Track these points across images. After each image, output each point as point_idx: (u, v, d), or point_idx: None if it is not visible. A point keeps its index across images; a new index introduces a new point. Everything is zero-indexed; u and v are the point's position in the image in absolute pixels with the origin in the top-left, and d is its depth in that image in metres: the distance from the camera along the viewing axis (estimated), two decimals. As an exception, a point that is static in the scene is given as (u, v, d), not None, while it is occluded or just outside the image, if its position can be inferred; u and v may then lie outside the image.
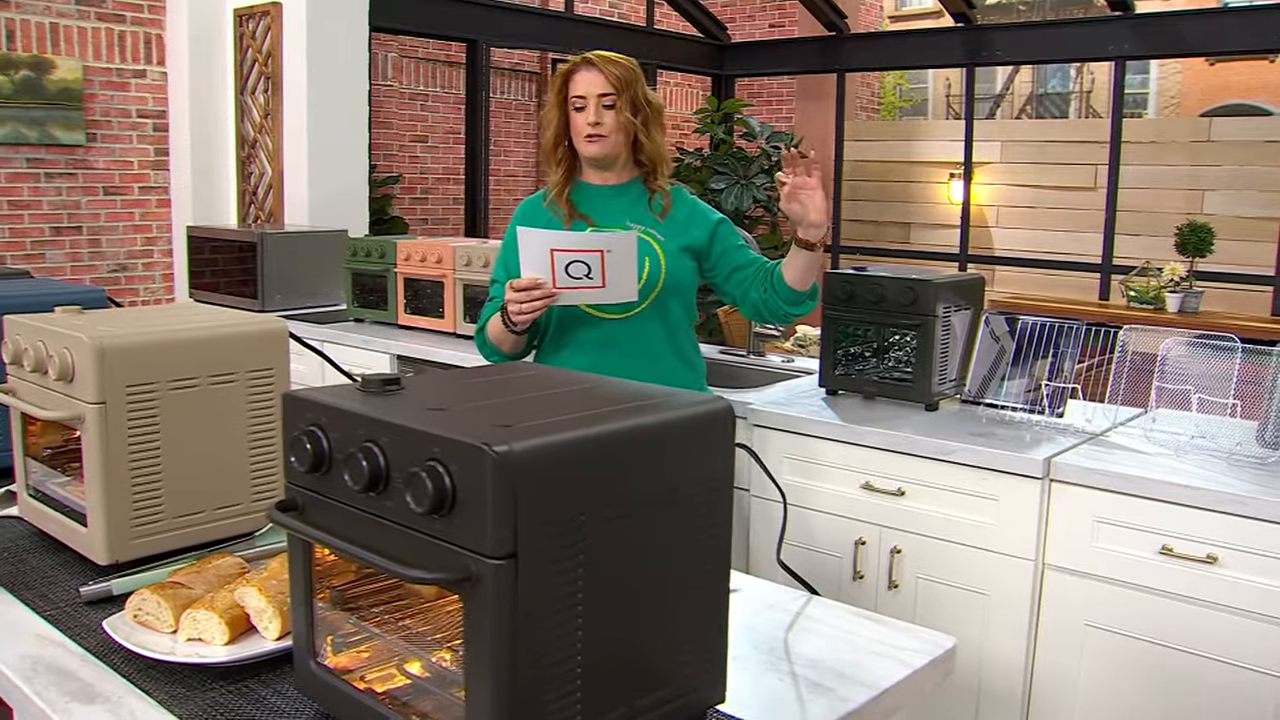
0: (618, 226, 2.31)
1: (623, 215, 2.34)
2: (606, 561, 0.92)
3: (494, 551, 0.84)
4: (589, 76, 2.26)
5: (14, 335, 1.55)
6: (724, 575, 1.06)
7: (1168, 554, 2.13)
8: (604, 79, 2.25)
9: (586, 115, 2.25)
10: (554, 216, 2.36)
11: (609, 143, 2.27)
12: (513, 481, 0.83)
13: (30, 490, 1.62)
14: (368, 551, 0.90)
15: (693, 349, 2.43)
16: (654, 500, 0.96)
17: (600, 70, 2.25)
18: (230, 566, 1.34)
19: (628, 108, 2.26)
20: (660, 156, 2.35)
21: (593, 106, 2.25)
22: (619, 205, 2.35)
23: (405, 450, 0.89)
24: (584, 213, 2.34)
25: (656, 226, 2.33)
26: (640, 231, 2.28)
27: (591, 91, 2.25)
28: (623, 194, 2.37)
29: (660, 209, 2.35)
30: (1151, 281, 5.49)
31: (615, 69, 2.26)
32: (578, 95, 2.26)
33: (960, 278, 2.82)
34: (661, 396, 1.02)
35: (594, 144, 2.27)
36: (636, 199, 2.36)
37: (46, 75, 4.74)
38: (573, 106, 2.28)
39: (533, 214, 2.41)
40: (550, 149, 2.35)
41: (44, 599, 1.38)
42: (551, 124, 2.32)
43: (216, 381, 1.50)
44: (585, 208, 2.35)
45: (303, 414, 0.99)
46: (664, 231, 2.32)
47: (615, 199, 2.36)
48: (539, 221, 2.37)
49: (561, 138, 2.33)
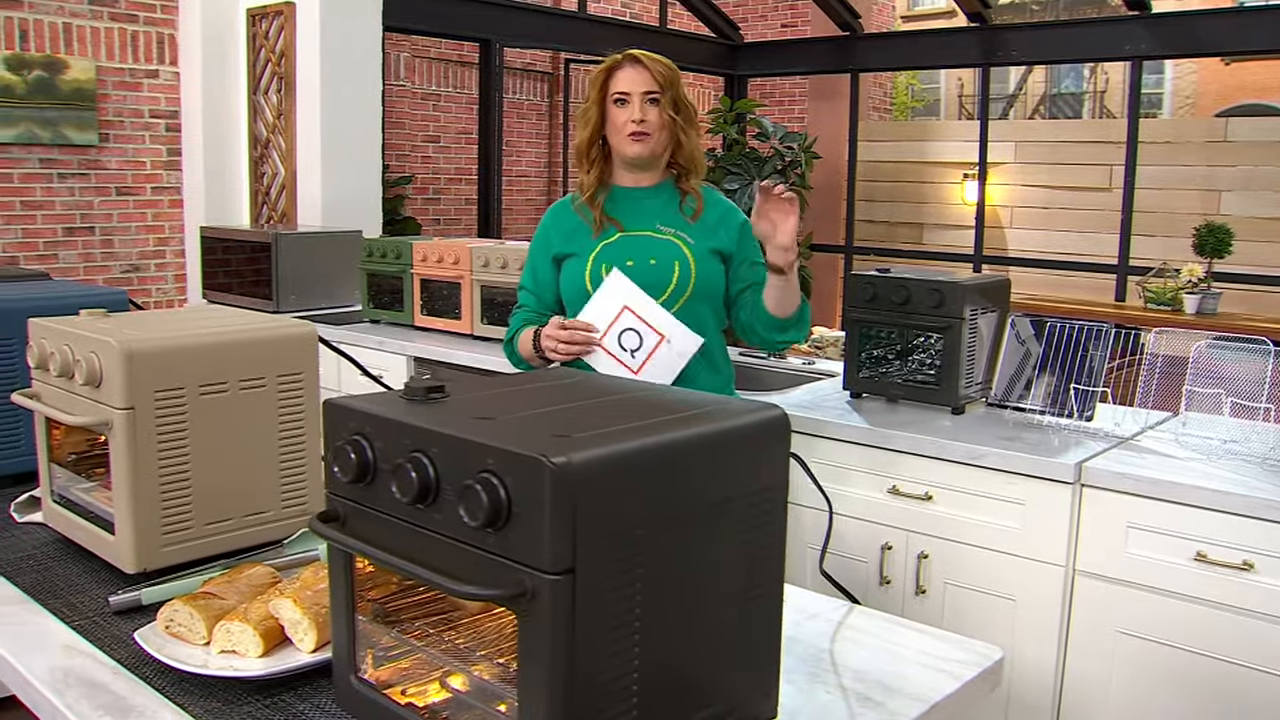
0: (648, 229, 2.26)
1: (653, 218, 2.27)
2: (662, 576, 0.89)
3: (552, 567, 0.81)
4: (633, 73, 2.20)
5: (39, 338, 1.53)
6: (777, 588, 1.03)
7: (1202, 560, 2.10)
8: (649, 75, 2.18)
9: (630, 111, 2.18)
10: (583, 220, 2.30)
11: (653, 141, 2.20)
12: (572, 494, 0.80)
13: (55, 496, 1.59)
14: (417, 566, 0.87)
15: (722, 355, 2.37)
16: (709, 512, 0.93)
17: (646, 66, 2.19)
18: (262, 576, 1.32)
19: (670, 106, 2.20)
20: (697, 158, 2.29)
21: (637, 102, 2.18)
22: (650, 207, 2.29)
23: (456, 461, 0.87)
24: (614, 216, 2.28)
25: (686, 229, 2.26)
26: (671, 235, 2.24)
27: (636, 88, 2.18)
28: (654, 196, 2.30)
29: (692, 211, 2.28)
30: (1169, 282, 5.44)
31: (659, 66, 2.20)
32: (621, 91, 2.19)
33: (987, 279, 2.78)
34: (715, 404, 0.99)
35: (638, 142, 2.19)
36: (668, 201, 2.30)
37: (59, 75, 4.73)
38: (613, 101, 2.20)
39: (562, 218, 2.35)
40: (584, 148, 2.28)
41: (72, 608, 1.35)
42: (589, 122, 2.25)
43: (246, 386, 1.48)
44: (615, 211, 2.29)
45: (346, 422, 0.97)
46: (694, 234, 2.26)
47: (646, 201, 2.29)
48: (567, 226, 2.32)
49: (597, 136, 2.26)
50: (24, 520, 1.67)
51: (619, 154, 2.26)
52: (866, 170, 8.09)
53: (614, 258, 2.22)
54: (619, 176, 2.32)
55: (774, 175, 6.72)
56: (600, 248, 2.24)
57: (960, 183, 8.12)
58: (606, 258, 2.23)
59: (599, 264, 2.23)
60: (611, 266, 2.20)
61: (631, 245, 2.24)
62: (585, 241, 2.26)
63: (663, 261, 2.22)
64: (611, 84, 2.21)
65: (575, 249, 2.27)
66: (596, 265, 2.23)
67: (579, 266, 2.25)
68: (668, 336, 2.14)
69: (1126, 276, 6.26)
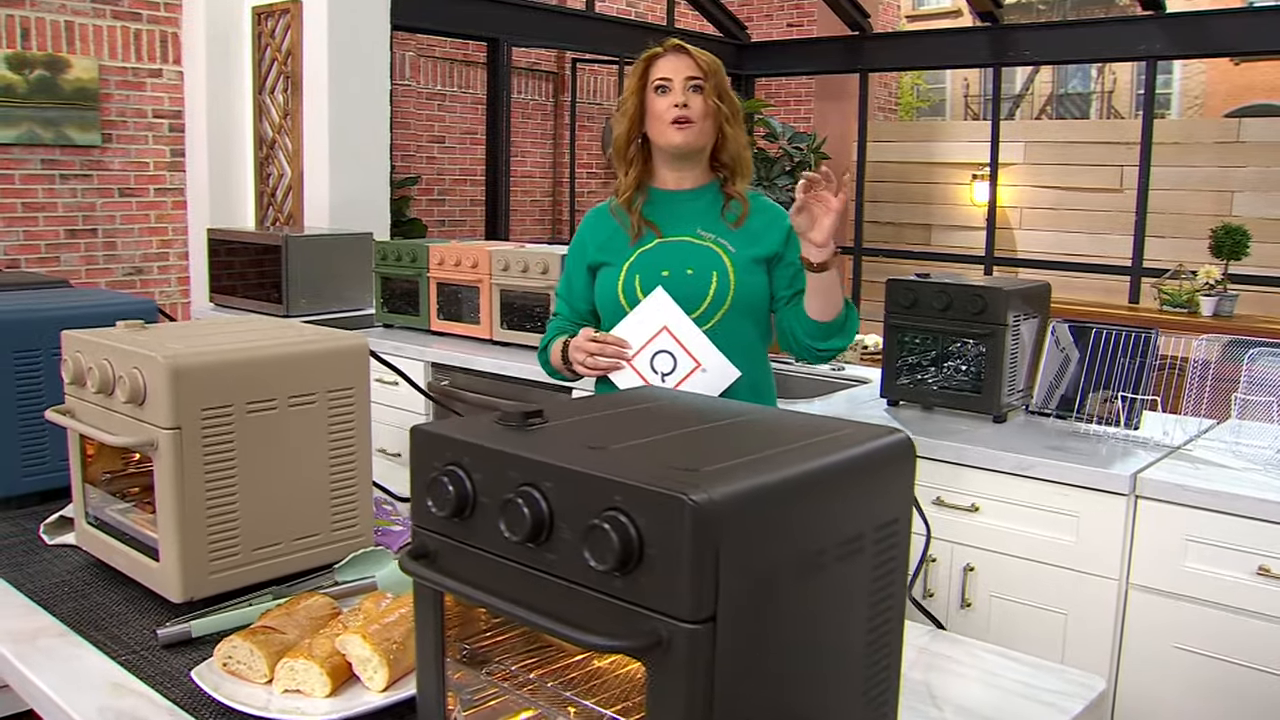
0: (687, 234, 2.13)
1: (693, 222, 2.15)
2: (798, 621, 0.81)
3: (691, 615, 0.73)
4: (675, 60, 2.09)
5: (74, 352, 1.44)
6: (900, 627, 0.96)
7: (1265, 574, 2.04)
8: (693, 62, 2.08)
9: (672, 97, 2.07)
10: (620, 226, 2.18)
11: (695, 130, 2.08)
12: (714, 534, 0.72)
13: (89, 518, 1.50)
14: (531, 612, 0.79)
15: (763, 374, 2.20)
16: (841, 550, 0.85)
17: (689, 54, 2.09)
18: (322, 607, 1.24)
19: (715, 94, 2.09)
20: (742, 157, 2.16)
21: (679, 88, 2.07)
22: (690, 211, 2.16)
23: (574, 497, 0.79)
24: (652, 220, 2.16)
25: (728, 235, 2.13)
26: (711, 241, 2.12)
27: (678, 74, 2.08)
28: (696, 199, 2.17)
29: (735, 217, 2.14)
30: (1185, 284, 5.39)
31: (703, 55, 2.10)
32: (662, 78, 2.09)
33: (1028, 285, 2.72)
34: (838, 429, 0.92)
35: (681, 130, 2.07)
36: (710, 205, 2.17)
37: (62, 75, 4.63)
38: (654, 88, 2.10)
39: (599, 224, 2.23)
40: (623, 145, 2.15)
41: (117, 641, 1.27)
42: (628, 114, 2.12)
43: (296, 403, 1.39)
44: (654, 214, 2.17)
45: (440, 451, 0.88)
46: (736, 241, 2.13)
47: (687, 204, 2.16)
48: (604, 232, 2.20)
49: (636, 132, 2.14)
50: (54, 543, 1.59)
51: (660, 146, 2.13)
52: (873, 171, 8.03)
53: (649, 267, 2.11)
54: (660, 177, 2.19)
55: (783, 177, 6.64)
56: (636, 256, 2.13)
57: (969, 183, 8.07)
58: (641, 267, 2.11)
59: (633, 274, 2.12)
60: (646, 277, 2.09)
61: (668, 252, 2.12)
62: (621, 249, 2.15)
63: (700, 271, 2.09)
64: (652, 72, 2.11)
65: (610, 258, 2.16)
66: (630, 275, 2.12)
67: (612, 276, 2.14)
68: (704, 365, 2.01)
69: (1141, 278, 6.20)
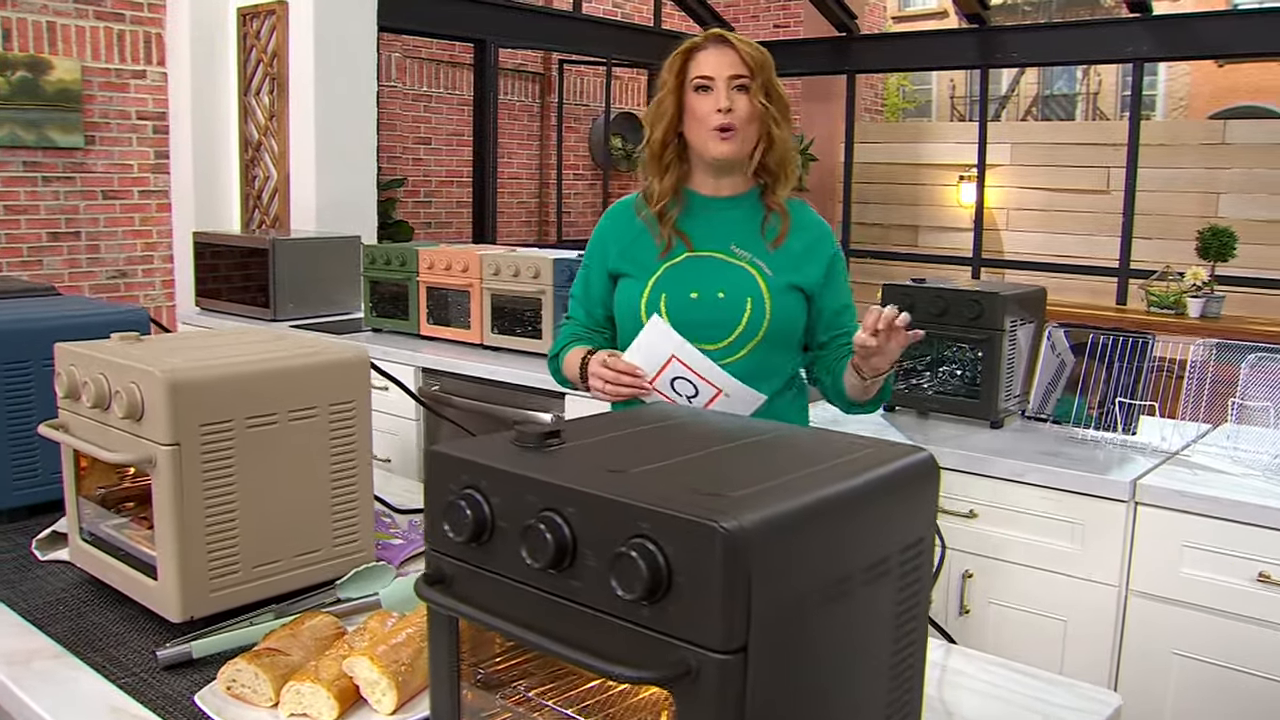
0: (720, 250, 1.91)
1: (728, 236, 1.92)
2: (825, 647, 0.80)
3: (722, 645, 0.71)
4: (717, 54, 1.84)
5: (68, 365, 1.41)
6: (922, 646, 0.94)
7: (1264, 580, 2.04)
8: (737, 56, 1.83)
9: (714, 99, 1.83)
10: (646, 228, 1.96)
11: (740, 138, 1.85)
12: (746, 562, 0.70)
13: (84, 534, 1.47)
14: (555, 641, 0.77)
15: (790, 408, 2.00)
16: (868, 574, 0.84)
17: (733, 46, 1.84)
18: (326, 627, 1.21)
19: (762, 93, 1.84)
20: (788, 162, 1.92)
21: (723, 89, 1.82)
22: (726, 222, 1.94)
23: (599, 523, 0.77)
24: (682, 229, 1.93)
25: (765, 255, 1.90)
26: (746, 261, 1.90)
27: (721, 71, 1.83)
28: (733, 208, 1.95)
29: (775, 234, 1.92)
30: (1172, 286, 5.41)
31: (748, 48, 1.85)
32: (703, 75, 1.84)
33: (1025, 290, 2.71)
34: (862, 447, 0.90)
35: (724, 140, 1.84)
36: (748, 217, 1.94)
37: (44, 76, 4.57)
38: (693, 87, 1.86)
39: (622, 224, 2.01)
40: (658, 148, 1.91)
41: (115, 663, 1.24)
42: (665, 115, 1.89)
43: (297, 417, 1.37)
44: (686, 222, 1.94)
45: (456, 474, 0.86)
46: (774, 264, 1.90)
47: (723, 214, 1.94)
48: (628, 234, 1.98)
49: (672, 133, 1.91)
50: (47, 559, 1.55)
51: (700, 154, 1.91)
52: (860, 172, 8.04)
53: (676, 285, 1.90)
54: (697, 181, 1.97)
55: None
56: (662, 271, 1.92)
57: (955, 185, 8.08)
58: (668, 285, 1.90)
59: (659, 292, 1.90)
60: (673, 296, 1.90)
61: (699, 270, 1.91)
62: (646, 260, 1.94)
63: (733, 296, 1.88)
64: (691, 67, 1.87)
65: (633, 269, 1.95)
66: (656, 293, 1.91)
67: (635, 290, 1.93)
68: (725, 391, 1.80)
69: (1128, 280, 6.23)
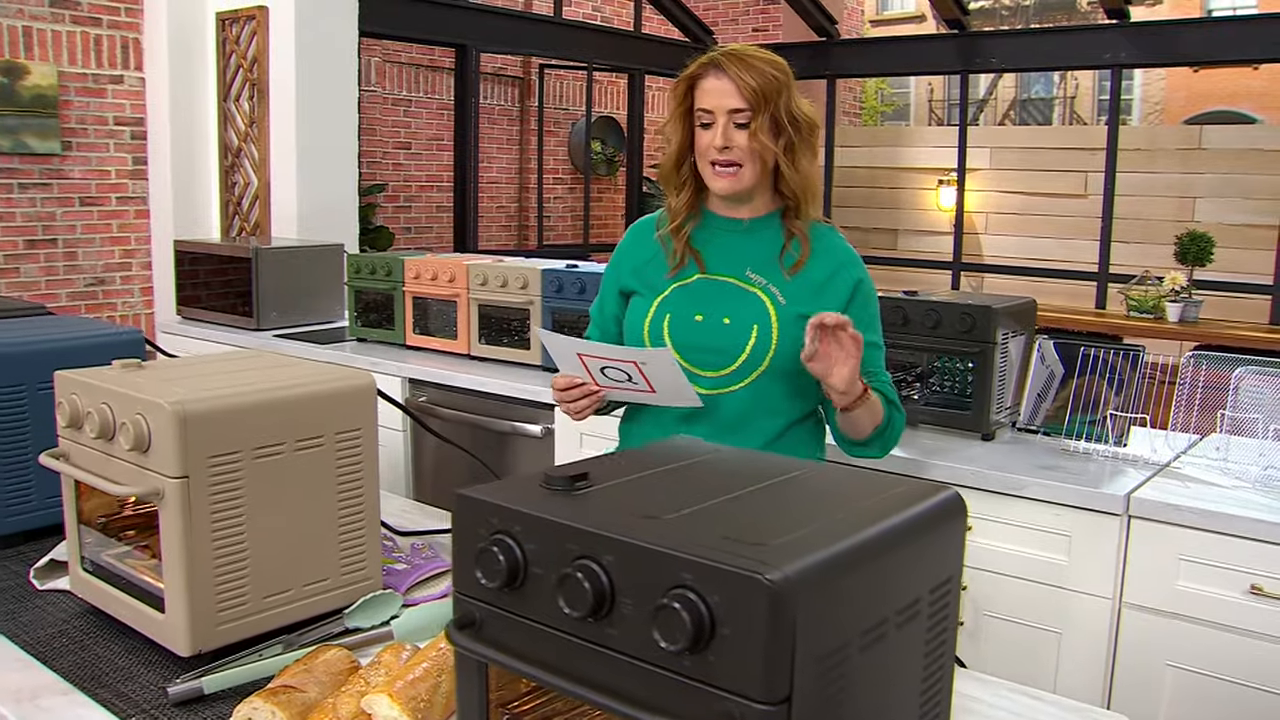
0: (733, 275, 1.86)
1: (743, 262, 1.86)
2: (862, 693, 0.80)
3: (766, 697, 0.71)
4: (715, 84, 1.76)
5: (69, 394, 1.39)
6: (949, 681, 0.94)
7: (1257, 593, 2.06)
8: (735, 90, 1.74)
9: (713, 134, 1.77)
10: (662, 250, 1.92)
11: (740, 176, 1.79)
12: (790, 613, 0.70)
13: (85, 563, 1.45)
14: (594, 691, 0.76)
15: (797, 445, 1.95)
16: (901, 617, 0.84)
17: (731, 78, 1.75)
18: (340, 661, 1.20)
19: (767, 129, 1.76)
20: (808, 189, 1.84)
21: (721, 125, 1.76)
22: (742, 245, 1.88)
23: (638, 572, 0.76)
24: (698, 249, 1.88)
25: (781, 284, 1.84)
26: (759, 288, 1.84)
27: (721, 105, 1.76)
28: (752, 232, 1.88)
29: (794, 261, 1.85)
30: (1151, 290, 5.47)
31: (751, 77, 1.74)
32: (702, 109, 1.78)
33: (1015, 302, 2.73)
34: (891, 487, 0.90)
35: (722, 177, 1.79)
36: (768, 241, 1.88)
37: (19, 81, 4.50)
38: (698, 121, 1.80)
39: (640, 243, 1.97)
40: (671, 170, 1.88)
41: (124, 699, 1.22)
42: (673, 140, 1.85)
43: (303, 446, 1.35)
44: (701, 242, 1.89)
45: (486, 518, 0.86)
46: (789, 292, 1.83)
47: (741, 237, 1.89)
48: (644, 252, 1.95)
49: (684, 155, 1.86)
50: (46, 588, 1.53)
51: (706, 183, 1.87)
52: (840, 176, 8.08)
53: (682, 307, 1.86)
54: (714, 201, 1.91)
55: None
56: (671, 290, 1.88)
57: (935, 188, 8.13)
58: (673, 306, 1.86)
59: (663, 312, 1.86)
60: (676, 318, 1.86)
61: (708, 293, 1.86)
62: (656, 279, 1.90)
63: (739, 323, 1.82)
64: (694, 97, 1.81)
65: (643, 287, 1.92)
66: (660, 313, 1.86)
67: (642, 310, 1.90)
68: (638, 360, 1.72)
69: (1107, 284, 6.29)
